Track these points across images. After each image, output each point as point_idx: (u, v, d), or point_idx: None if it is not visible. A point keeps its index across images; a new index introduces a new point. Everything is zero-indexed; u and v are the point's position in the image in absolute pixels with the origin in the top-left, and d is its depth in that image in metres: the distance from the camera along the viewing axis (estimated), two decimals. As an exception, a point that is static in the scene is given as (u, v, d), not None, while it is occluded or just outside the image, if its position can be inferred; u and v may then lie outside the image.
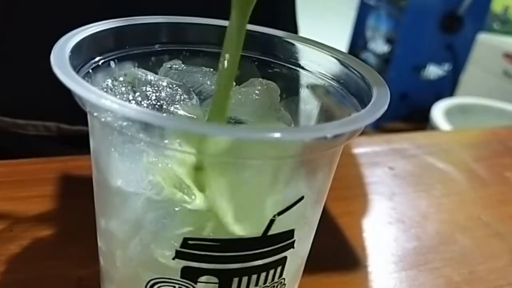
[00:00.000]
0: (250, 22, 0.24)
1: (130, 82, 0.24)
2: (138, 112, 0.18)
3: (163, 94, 0.24)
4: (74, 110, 0.26)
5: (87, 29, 0.23)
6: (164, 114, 0.23)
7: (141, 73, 0.24)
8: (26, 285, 0.31)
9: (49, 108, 0.47)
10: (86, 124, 0.22)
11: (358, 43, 2.31)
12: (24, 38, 0.46)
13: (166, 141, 0.19)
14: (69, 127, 0.48)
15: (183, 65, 0.26)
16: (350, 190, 0.45)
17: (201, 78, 0.26)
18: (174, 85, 0.24)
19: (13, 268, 0.31)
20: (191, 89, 0.25)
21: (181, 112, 0.24)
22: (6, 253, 0.32)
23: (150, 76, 0.24)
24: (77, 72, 0.22)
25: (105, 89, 0.23)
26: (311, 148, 0.21)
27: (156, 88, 0.24)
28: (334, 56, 0.26)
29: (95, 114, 0.19)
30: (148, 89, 0.24)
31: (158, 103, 0.23)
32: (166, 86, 0.24)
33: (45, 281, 0.31)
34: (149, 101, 0.23)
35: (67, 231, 0.35)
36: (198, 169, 0.21)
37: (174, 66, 0.26)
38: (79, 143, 0.39)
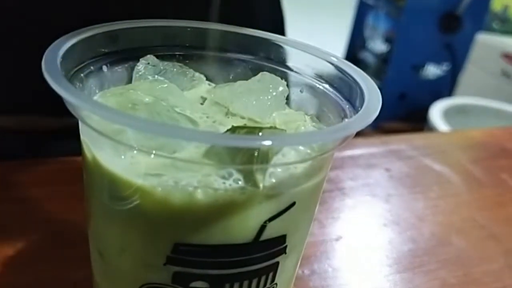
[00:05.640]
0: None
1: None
2: (130, 120, 0.17)
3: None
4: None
5: (79, 34, 0.23)
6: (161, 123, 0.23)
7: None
8: (20, 288, 0.31)
9: (46, 107, 0.47)
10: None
11: (356, 43, 2.31)
12: (19, 42, 0.46)
13: (159, 150, 0.19)
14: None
15: (157, 61, 0.26)
16: (346, 191, 0.45)
17: (175, 75, 0.26)
18: None
19: (8, 271, 0.31)
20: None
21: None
22: (1, 256, 0.32)
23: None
24: (69, 77, 0.22)
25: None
26: (302, 154, 0.21)
27: None
28: (328, 60, 0.26)
29: (86, 120, 0.19)
30: None
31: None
32: None
33: (41, 284, 0.31)
34: None
35: (63, 234, 0.35)
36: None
37: (149, 62, 0.26)
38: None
